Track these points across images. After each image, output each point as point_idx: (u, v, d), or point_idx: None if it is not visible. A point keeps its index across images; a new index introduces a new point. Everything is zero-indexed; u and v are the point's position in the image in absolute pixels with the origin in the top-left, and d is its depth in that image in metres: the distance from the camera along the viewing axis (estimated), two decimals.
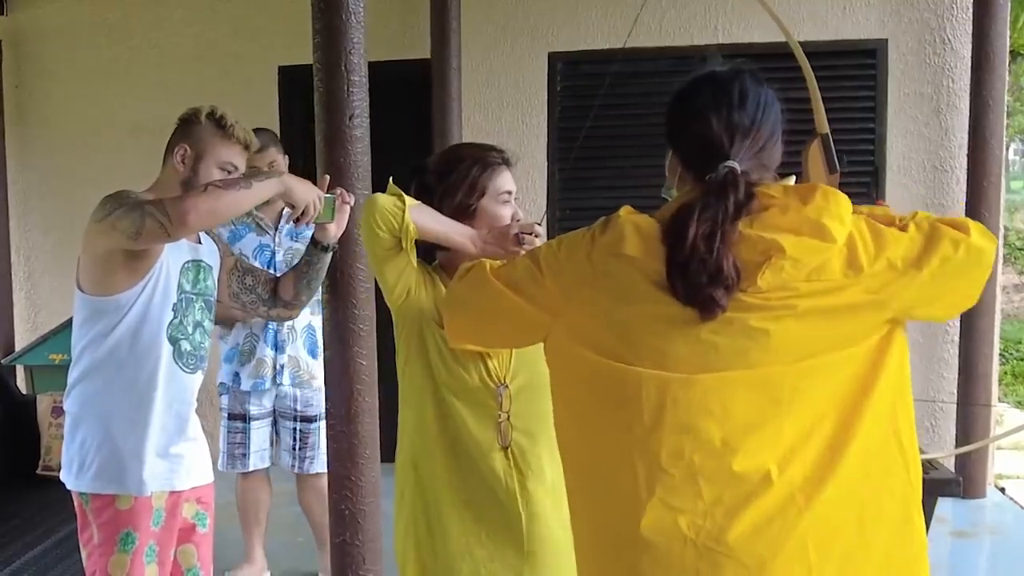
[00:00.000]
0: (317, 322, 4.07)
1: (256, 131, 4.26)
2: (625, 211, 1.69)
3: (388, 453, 2.53)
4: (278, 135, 4.51)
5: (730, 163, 1.64)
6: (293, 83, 5.91)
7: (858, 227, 1.61)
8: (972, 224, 1.66)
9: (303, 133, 4.10)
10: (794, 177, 1.81)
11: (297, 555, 4.64)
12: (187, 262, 2.73)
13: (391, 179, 2.25)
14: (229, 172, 2.67)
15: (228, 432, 4.24)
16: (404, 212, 2.14)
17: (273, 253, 4.14)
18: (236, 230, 4.16)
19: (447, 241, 2.23)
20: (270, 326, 4.14)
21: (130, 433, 2.65)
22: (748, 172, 1.64)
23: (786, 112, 1.77)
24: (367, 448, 3.08)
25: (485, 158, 2.31)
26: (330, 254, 2.85)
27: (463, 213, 2.27)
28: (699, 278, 1.56)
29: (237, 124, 2.71)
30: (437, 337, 2.20)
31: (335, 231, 2.78)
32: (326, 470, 3.23)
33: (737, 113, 1.69)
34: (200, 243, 2.81)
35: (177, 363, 2.70)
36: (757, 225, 1.60)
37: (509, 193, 2.32)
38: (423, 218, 2.18)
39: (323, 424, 3.81)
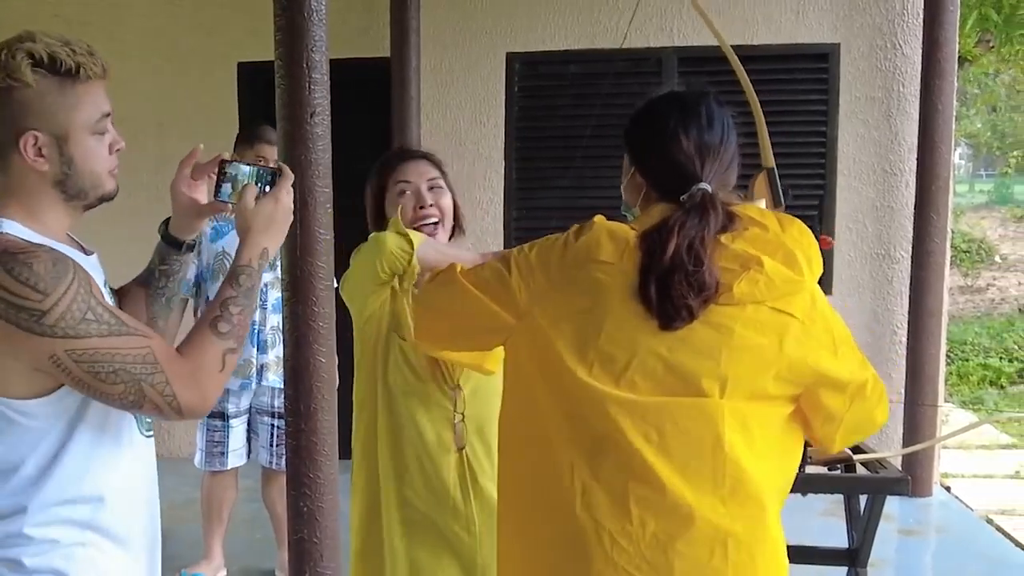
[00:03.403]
0: None
1: (256, 125, 4.08)
2: (599, 219, 1.71)
3: (347, 450, 2.55)
4: (238, 132, 4.42)
5: (703, 186, 1.67)
6: (252, 79, 5.89)
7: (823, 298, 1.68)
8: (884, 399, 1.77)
9: None
10: (763, 201, 1.85)
11: (255, 552, 4.63)
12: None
13: (398, 215, 2.22)
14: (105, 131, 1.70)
15: (207, 431, 4.17)
16: (412, 256, 2.11)
17: None
18: (219, 226, 4.02)
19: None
20: (254, 326, 4.03)
21: None
22: (716, 192, 1.68)
23: (742, 116, 1.82)
24: (325, 445, 3.08)
25: (382, 162, 2.39)
26: (190, 254, 1.93)
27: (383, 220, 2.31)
28: (680, 288, 1.58)
29: (76, 50, 1.64)
30: (396, 343, 2.20)
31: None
32: None
33: (707, 134, 1.71)
34: (88, 252, 1.79)
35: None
36: (739, 241, 1.64)
37: (407, 183, 2.35)
38: (428, 254, 2.14)
39: None
